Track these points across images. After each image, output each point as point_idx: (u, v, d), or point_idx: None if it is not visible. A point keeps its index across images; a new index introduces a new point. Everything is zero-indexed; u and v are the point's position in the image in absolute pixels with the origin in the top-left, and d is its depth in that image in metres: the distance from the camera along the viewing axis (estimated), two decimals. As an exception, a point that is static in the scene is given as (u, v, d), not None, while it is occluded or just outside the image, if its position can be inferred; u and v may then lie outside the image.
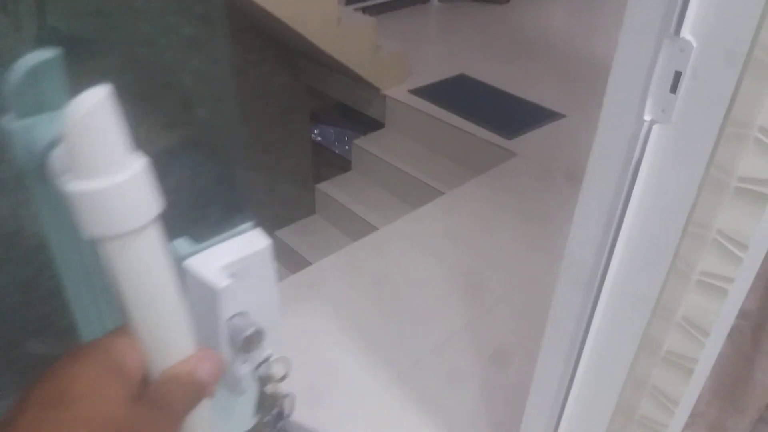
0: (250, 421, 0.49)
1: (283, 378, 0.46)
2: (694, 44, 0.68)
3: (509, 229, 2.17)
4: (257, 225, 0.46)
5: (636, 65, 0.73)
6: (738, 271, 0.77)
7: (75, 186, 0.28)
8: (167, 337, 0.34)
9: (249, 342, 0.44)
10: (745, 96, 0.67)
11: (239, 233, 0.45)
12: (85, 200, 0.28)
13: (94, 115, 0.27)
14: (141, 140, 0.30)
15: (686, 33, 0.68)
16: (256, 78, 3.17)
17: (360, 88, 2.96)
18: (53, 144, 0.33)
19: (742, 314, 0.87)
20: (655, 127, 0.75)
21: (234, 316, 0.44)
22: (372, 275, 1.98)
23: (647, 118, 0.75)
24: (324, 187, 3.02)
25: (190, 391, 0.35)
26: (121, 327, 0.34)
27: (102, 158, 0.28)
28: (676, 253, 0.79)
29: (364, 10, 3.44)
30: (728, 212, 0.74)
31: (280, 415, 0.48)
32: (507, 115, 2.81)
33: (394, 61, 2.94)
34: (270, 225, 2.92)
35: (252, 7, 2.26)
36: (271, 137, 3.35)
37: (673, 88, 0.71)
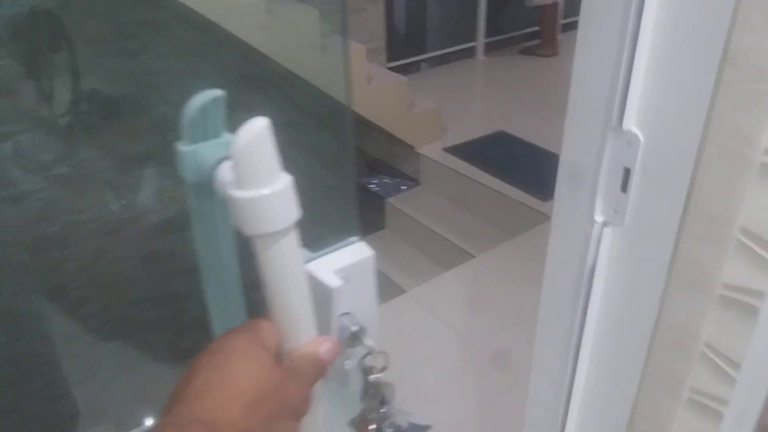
0: (357, 407, 0.55)
1: (383, 369, 0.52)
2: (641, 137, 0.59)
3: (536, 300, 2.03)
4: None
5: (582, 161, 0.64)
6: (733, 392, 0.65)
7: (241, 194, 0.37)
8: (298, 323, 0.43)
9: (354, 338, 0.52)
10: (713, 192, 0.56)
11: (348, 245, 0.55)
12: (248, 205, 0.37)
13: (258, 139, 0.36)
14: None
15: (631, 125, 0.59)
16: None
17: (395, 145, 2.92)
18: (218, 164, 0.41)
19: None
20: (607, 230, 0.65)
21: (342, 314, 0.52)
22: (385, 345, 1.88)
23: (599, 219, 0.65)
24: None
25: (316, 365, 0.43)
26: (263, 315, 0.43)
27: (262, 173, 0.37)
28: (648, 366, 0.68)
29: (407, 66, 3.42)
30: (715, 323, 0.63)
31: (383, 402, 0.53)
32: (545, 174, 2.68)
33: (428, 119, 2.89)
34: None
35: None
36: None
37: (624, 187, 0.61)
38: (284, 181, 0.38)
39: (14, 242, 2.41)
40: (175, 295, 3.08)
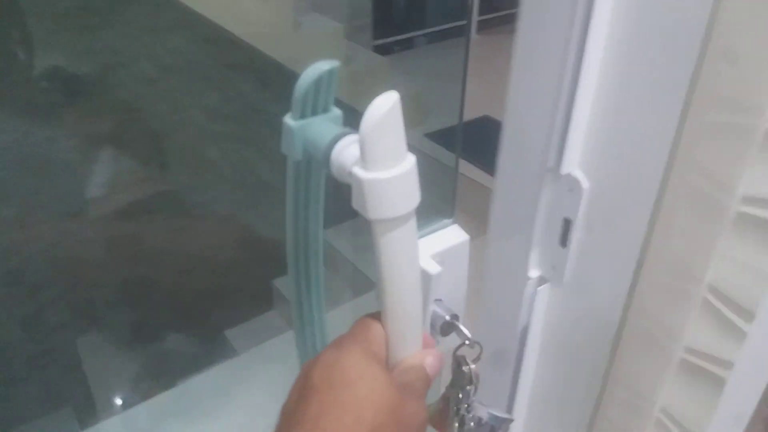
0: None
1: (477, 359, 0.49)
2: (585, 184, 0.48)
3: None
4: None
5: (515, 209, 0.53)
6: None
7: (369, 175, 0.34)
8: (409, 324, 0.40)
9: (448, 326, 0.49)
10: (677, 242, 0.48)
11: (442, 227, 0.52)
12: (376, 187, 0.34)
13: (390, 116, 0.34)
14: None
15: (573, 168, 0.48)
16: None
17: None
18: (335, 141, 0.37)
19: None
20: (544, 288, 0.54)
21: (434, 301, 0.49)
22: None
23: (533, 275, 0.54)
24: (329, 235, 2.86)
25: (424, 380, 0.41)
26: (372, 316, 0.40)
27: (391, 153, 0.34)
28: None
29: (395, 44, 3.29)
30: (674, 389, 0.54)
31: (467, 393, 0.50)
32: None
33: (409, 103, 2.76)
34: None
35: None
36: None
37: (563, 240, 0.51)
38: (411, 161, 0.35)
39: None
40: (140, 279, 3.00)
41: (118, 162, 2.51)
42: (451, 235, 0.51)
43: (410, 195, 0.36)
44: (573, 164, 0.48)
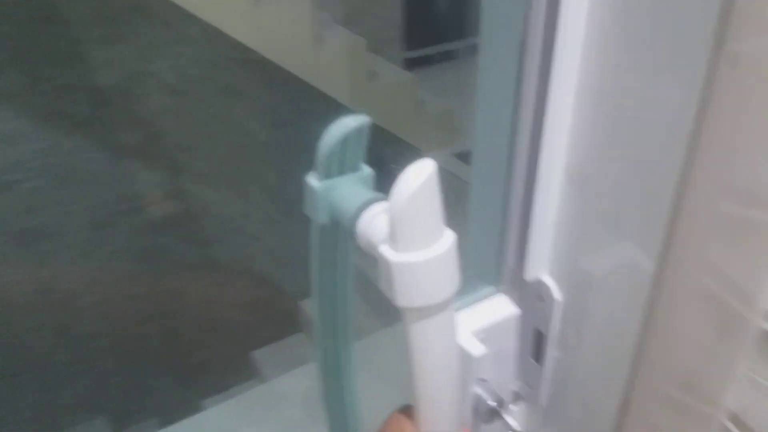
0: None
1: None
2: (557, 295, 0.42)
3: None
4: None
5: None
6: None
7: (398, 258, 0.30)
8: (445, 422, 0.36)
9: (492, 413, 0.43)
10: (689, 355, 0.39)
11: (486, 296, 0.45)
12: (406, 272, 0.30)
13: (423, 191, 0.29)
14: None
15: (543, 273, 0.42)
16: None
17: (401, 148, 2.75)
18: (361, 210, 0.34)
19: None
20: (519, 407, 0.49)
21: (477, 382, 0.44)
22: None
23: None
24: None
25: None
26: (404, 411, 0.37)
27: (425, 232, 0.30)
28: None
29: (425, 58, 3.23)
30: None
31: None
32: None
33: (440, 121, 2.71)
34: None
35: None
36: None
37: (536, 355, 0.46)
38: (448, 240, 0.30)
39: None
40: (170, 292, 2.98)
41: (145, 173, 2.51)
42: (497, 307, 0.45)
43: (447, 280, 0.31)
44: (542, 267, 0.42)
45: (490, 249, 0.43)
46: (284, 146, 2.46)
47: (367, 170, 0.38)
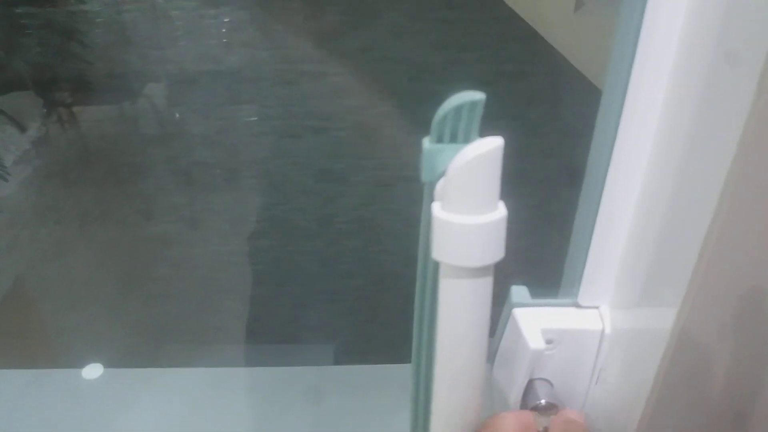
0: None
1: None
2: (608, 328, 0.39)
3: None
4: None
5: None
6: None
7: (440, 214, 0.34)
8: (461, 390, 0.38)
9: (540, 410, 0.45)
10: None
11: (566, 305, 0.47)
12: (443, 228, 0.34)
13: (480, 163, 0.32)
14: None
15: (602, 302, 0.39)
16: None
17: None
18: (443, 169, 0.38)
19: None
20: None
21: (537, 379, 0.46)
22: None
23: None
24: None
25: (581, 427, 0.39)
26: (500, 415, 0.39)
27: (470, 200, 0.33)
28: None
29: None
30: None
31: None
32: None
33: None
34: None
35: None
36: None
37: None
38: (496, 215, 0.33)
39: (306, 167, 2.76)
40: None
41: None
42: (575, 318, 0.45)
43: (485, 250, 0.34)
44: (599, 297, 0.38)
45: (579, 261, 0.43)
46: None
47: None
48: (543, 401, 0.45)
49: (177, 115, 2.67)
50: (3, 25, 2.27)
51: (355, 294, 3.04)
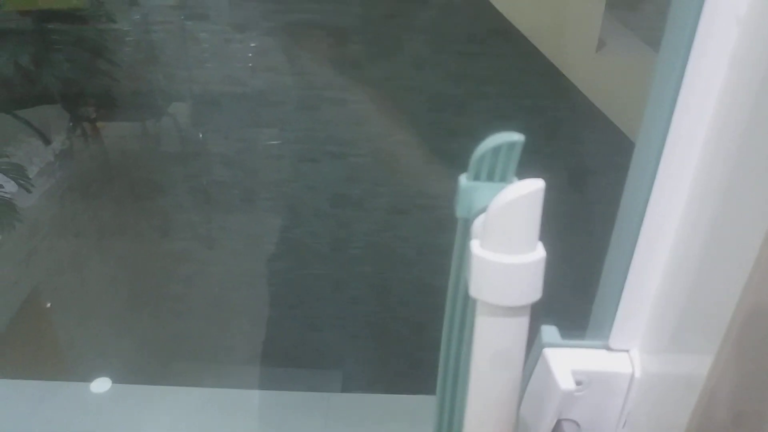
0: None
1: None
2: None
3: None
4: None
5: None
6: None
7: (479, 252, 0.34)
8: (491, 421, 0.39)
9: None
10: None
11: (605, 347, 0.46)
12: (481, 266, 0.34)
13: (523, 203, 0.33)
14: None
15: (632, 346, 0.40)
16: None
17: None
18: (479, 207, 0.39)
19: None
20: None
21: (565, 420, 0.46)
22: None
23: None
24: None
25: None
26: None
27: (509, 240, 0.34)
28: None
29: None
30: None
31: None
32: None
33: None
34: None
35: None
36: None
37: None
38: (535, 256, 0.34)
39: (322, 192, 2.78)
40: (436, 290, 3.18)
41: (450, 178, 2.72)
42: (605, 361, 0.45)
43: (523, 290, 0.34)
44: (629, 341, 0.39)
45: (610, 304, 0.44)
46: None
47: (515, 182, 0.41)
48: None
49: (200, 135, 2.70)
50: (35, 41, 2.33)
51: (364, 320, 3.03)
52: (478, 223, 0.38)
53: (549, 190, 0.34)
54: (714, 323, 0.37)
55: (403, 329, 3.03)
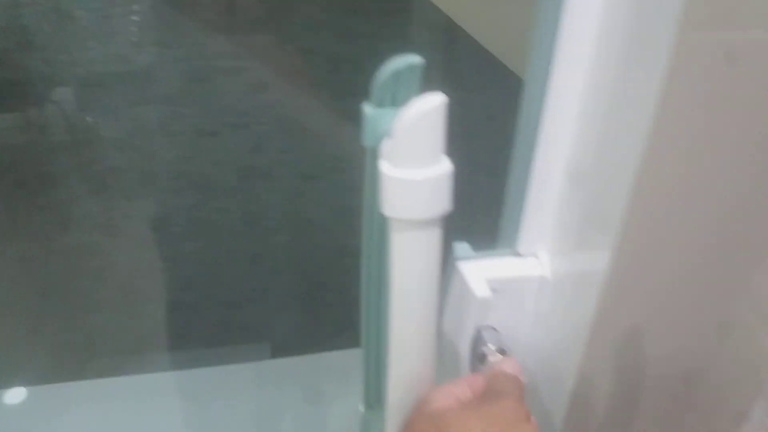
0: None
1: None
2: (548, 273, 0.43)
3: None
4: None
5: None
6: None
7: (389, 171, 0.35)
8: (415, 343, 0.39)
9: (482, 357, 0.47)
10: None
11: (514, 254, 0.48)
12: (393, 184, 0.35)
13: (427, 118, 0.34)
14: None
15: (540, 249, 0.43)
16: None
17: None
18: (387, 133, 0.39)
19: None
20: None
21: (485, 327, 0.48)
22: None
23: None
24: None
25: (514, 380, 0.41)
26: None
27: (418, 154, 0.34)
28: None
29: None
30: None
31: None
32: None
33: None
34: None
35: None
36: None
37: None
38: (442, 168, 0.35)
39: (227, 165, 2.71)
40: (355, 251, 3.21)
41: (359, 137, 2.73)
42: (522, 266, 0.48)
43: (430, 202, 0.35)
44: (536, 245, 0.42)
45: (515, 215, 0.46)
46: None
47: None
48: (492, 346, 0.46)
49: (88, 120, 2.56)
50: None
51: (286, 289, 3.02)
52: (385, 147, 0.39)
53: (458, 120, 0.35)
54: (610, 222, 0.39)
55: (326, 293, 3.04)
